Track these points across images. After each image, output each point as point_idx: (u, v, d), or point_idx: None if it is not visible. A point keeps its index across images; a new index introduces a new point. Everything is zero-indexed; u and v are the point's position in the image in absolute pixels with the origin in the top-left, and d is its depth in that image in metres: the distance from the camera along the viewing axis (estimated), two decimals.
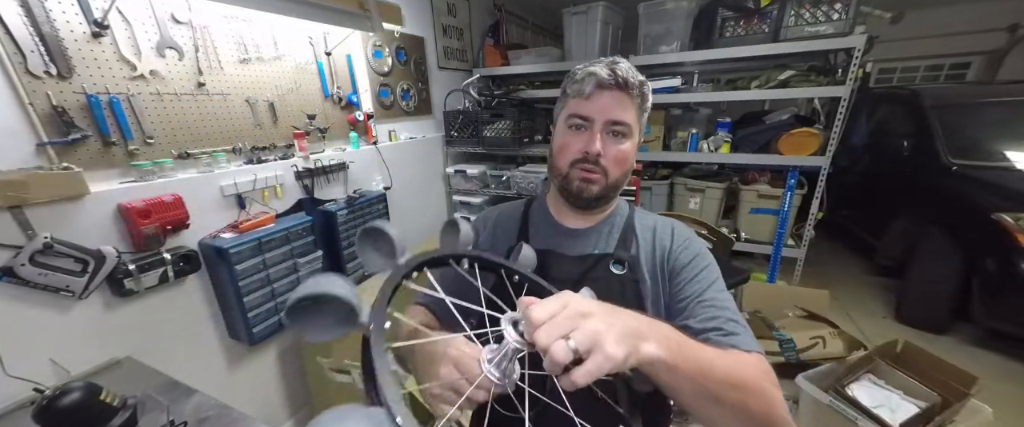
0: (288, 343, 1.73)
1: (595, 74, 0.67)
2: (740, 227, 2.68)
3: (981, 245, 2.05)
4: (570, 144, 0.71)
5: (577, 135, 0.71)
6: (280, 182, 1.61)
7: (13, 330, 1.03)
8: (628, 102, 0.68)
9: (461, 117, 2.61)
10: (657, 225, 0.77)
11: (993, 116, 2.45)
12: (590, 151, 0.68)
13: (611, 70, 0.67)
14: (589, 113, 0.69)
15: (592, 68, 0.68)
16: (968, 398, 1.48)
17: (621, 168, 0.71)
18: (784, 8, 2.14)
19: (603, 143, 0.69)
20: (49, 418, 0.79)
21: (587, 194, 0.71)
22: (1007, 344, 2.14)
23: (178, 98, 1.33)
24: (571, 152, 0.71)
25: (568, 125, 0.72)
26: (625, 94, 0.68)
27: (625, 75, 0.67)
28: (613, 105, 0.68)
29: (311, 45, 1.75)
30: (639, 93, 0.69)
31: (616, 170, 0.71)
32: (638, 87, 0.68)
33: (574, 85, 0.71)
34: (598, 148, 0.68)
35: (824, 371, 1.73)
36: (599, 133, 0.68)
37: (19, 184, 0.97)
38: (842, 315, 2.50)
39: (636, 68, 0.70)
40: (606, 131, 0.69)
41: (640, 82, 0.69)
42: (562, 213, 0.80)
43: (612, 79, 0.66)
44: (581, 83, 0.69)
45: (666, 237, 0.74)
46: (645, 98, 0.70)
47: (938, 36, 4.14)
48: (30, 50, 1.02)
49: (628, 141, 0.70)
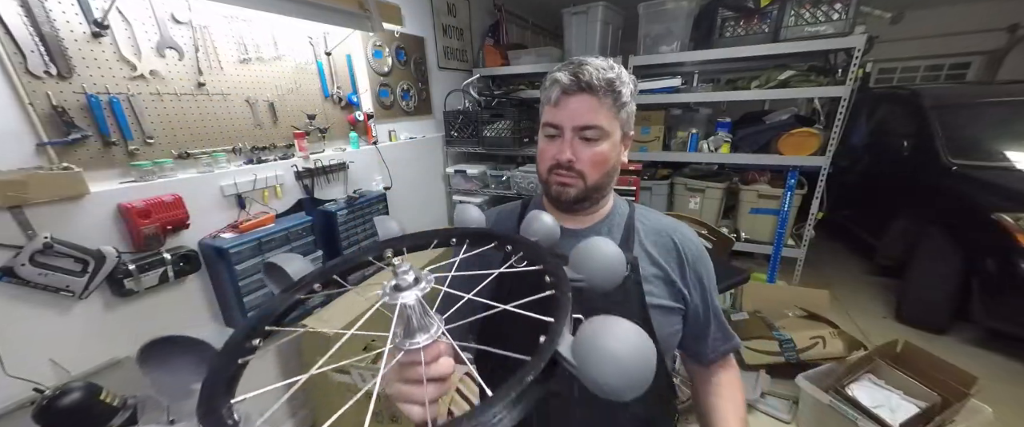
0: (288, 343, 1.73)
1: (558, 81, 0.66)
2: (740, 227, 2.68)
3: (981, 245, 2.05)
4: (546, 151, 0.71)
5: (551, 143, 0.70)
6: (280, 182, 1.61)
7: (13, 330, 1.03)
8: (596, 104, 0.66)
9: (461, 117, 2.61)
10: (663, 228, 0.76)
11: (993, 116, 2.44)
12: (561, 159, 0.68)
13: (574, 75, 0.65)
14: (558, 120, 0.68)
15: (557, 73, 0.67)
16: (968, 398, 1.48)
17: (600, 169, 0.70)
18: (784, 8, 2.14)
19: (576, 148, 0.68)
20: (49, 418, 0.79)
21: (565, 197, 0.71)
22: (1007, 344, 2.14)
23: (178, 98, 1.34)
24: (547, 159, 0.71)
25: (544, 134, 0.72)
26: (592, 96, 0.66)
27: (589, 78, 0.64)
28: (582, 110, 0.66)
29: (311, 45, 1.75)
30: (608, 92, 0.66)
31: (594, 172, 0.70)
32: (605, 87, 0.65)
33: (544, 92, 0.71)
34: (568, 156, 0.67)
35: (824, 371, 1.73)
36: (570, 140, 0.68)
37: (19, 184, 0.97)
38: (842, 315, 2.50)
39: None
40: (577, 136, 0.68)
41: (608, 81, 0.65)
42: (557, 214, 0.80)
43: (575, 84, 0.65)
44: (549, 90, 0.69)
45: (676, 243, 0.75)
46: (618, 96, 0.67)
47: (938, 36, 4.14)
48: (30, 50, 1.02)
49: (604, 142, 0.69)
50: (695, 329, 0.76)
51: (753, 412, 1.84)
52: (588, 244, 0.40)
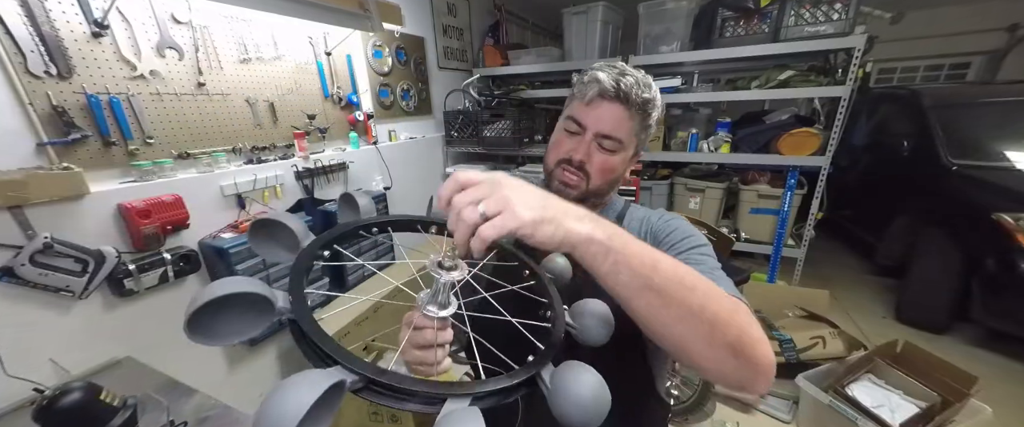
0: (288, 343, 1.73)
1: (599, 82, 0.66)
2: (740, 227, 2.68)
3: (981, 245, 2.05)
4: (561, 143, 0.72)
5: (569, 137, 0.71)
6: (280, 182, 1.61)
7: (13, 330, 1.03)
8: (625, 116, 0.67)
9: (461, 117, 2.61)
10: (648, 216, 0.77)
11: (993, 116, 2.44)
12: (574, 157, 0.69)
13: (616, 81, 0.65)
14: (584, 121, 0.69)
15: (600, 73, 0.67)
16: (968, 398, 1.48)
17: (605, 177, 0.71)
18: (784, 8, 2.14)
19: (590, 152, 0.69)
20: (49, 418, 0.78)
21: (565, 198, 0.71)
22: (1007, 344, 2.14)
23: (178, 98, 1.33)
24: (560, 151, 0.72)
25: (565, 126, 0.72)
26: (624, 108, 0.66)
27: (628, 90, 0.65)
28: (608, 118, 0.67)
29: (311, 45, 1.75)
30: (640, 110, 0.67)
31: (599, 178, 0.71)
32: (640, 105, 0.66)
33: (581, 86, 0.70)
34: (581, 156, 0.69)
35: (824, 371, 1.73)
36: (589, 142, 0.69)
37: (19, 184, 0.97)
38: (842, 315, 2.50)
39: (634, 66, 0.69)
40: (596, 141, 0.69)
41: (644, 100, 0.66)
42: None
43: (614, 90, 0.65)
44: (586, 86, 0.68)
45: (653, 220, 0.75)
46: (647, 115, 0.68)
47: (938, 36, 4.14)
48: (30, 50, 1.02)
49: (618, 155, 0.70)
50: None
51: (753, 412, 1.84)
52: (591, 305, 0.48)
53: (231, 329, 0.35)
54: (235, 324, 0.35)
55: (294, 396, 0.27)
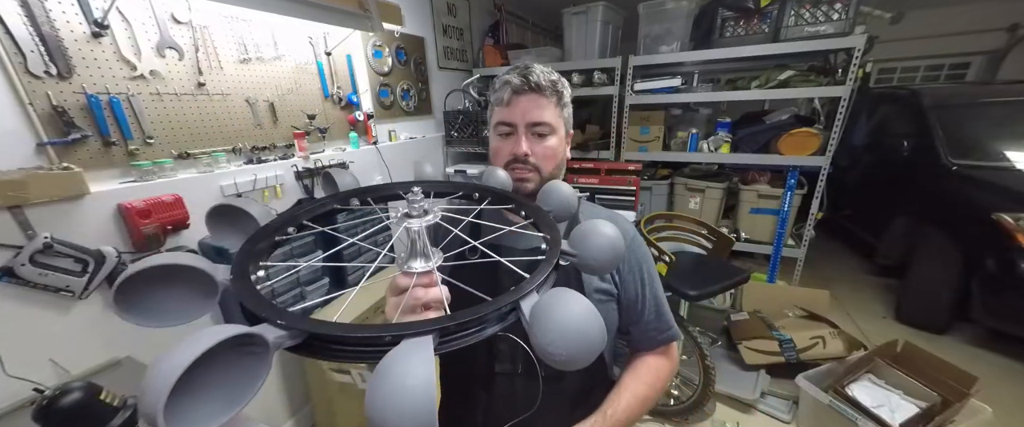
0: None
1: (509, 82, 0.73)
2: (740, 227, 2.68)
3: (981, 245, 2.05)
4: (501, 149, 0.77)
5: (505, 140, 0.76)
6: (280, 182, 1.61)
7: (13, 330, 1.03)
8: (545, 102, 0.73)
9: (461, 117, 2.60)
10: None
11: (993, 116, 2.44)
12: (517, 152, 0.74)
13: (523, 76, 0.72)
14: (511, 118, 0.74)
15: (507, 76, 0.74)
16: (968, 398, 1.48)
17: (552, 162, 0.77)
18: (784, 8, 2.14)
19: (529, 143, 0.74)
20: (49, 418, 0.79)
21: (525, 191, 0.76)
22: (1007, 344, 2.14)
23: (178, 98, 1.33)
24: (503, 156, 0.76)
25: (497, 132, 0.78)
26: (540, 96, 0.73)
27: (537, 79, 0.72)
28: (531, 107, 0.73)
29: (311, 45, 1.75)
30: (553, 92, 0.74)
31: (547, 165, 0.76)
32: (551, 87, 0.73)
33: (495, 94, 0.77)
34: (524, 149, 0.73)
35: (824, 371, 1.73)
36: (523, 135, 0.74)
37: (19, 184, 0.97)
38: (842, 315, 2.50)
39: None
40: (529, 132, 0.74)
41: (553, 82, 0.74)
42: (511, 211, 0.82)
43: (525, 84, 0.72)
44: (500, 92, 0.75)
45: None
46: (561, 96, 0.75)
47: (938, 36, 4.14)
48: (30, 50, 1.02)
49: (553, 137, 0.76)
50: (630, 315, 0.81)
51: (753, 412, 1.84)
52: (598, 226, 0.42)
53: (171, 309, 0.32)
54: (176, 304, 0.32)
55: (177, 352, 0.23)
